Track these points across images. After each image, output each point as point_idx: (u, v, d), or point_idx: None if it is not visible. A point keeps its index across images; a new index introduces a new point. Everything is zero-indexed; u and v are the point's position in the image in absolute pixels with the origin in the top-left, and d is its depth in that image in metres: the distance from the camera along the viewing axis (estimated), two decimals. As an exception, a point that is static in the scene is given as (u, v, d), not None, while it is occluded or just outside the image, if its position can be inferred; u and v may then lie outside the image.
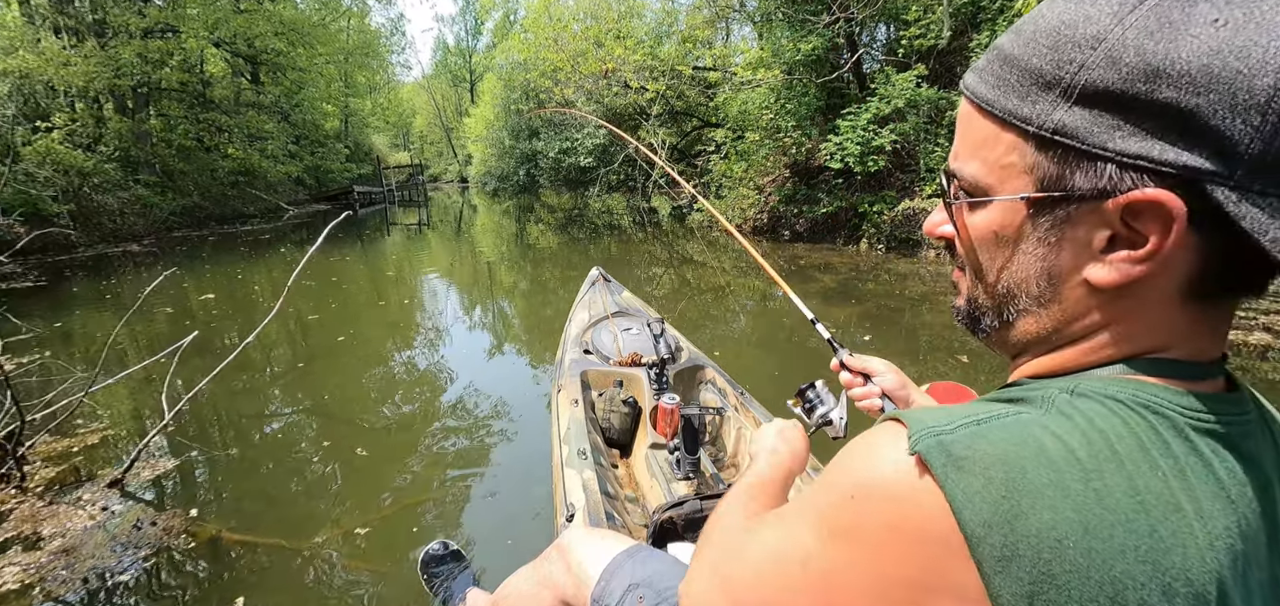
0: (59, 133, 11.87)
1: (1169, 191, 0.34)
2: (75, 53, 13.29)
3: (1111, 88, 0.35)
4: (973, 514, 0.34)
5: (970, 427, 0.36)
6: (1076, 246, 0.39)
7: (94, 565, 1.93)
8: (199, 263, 9.20)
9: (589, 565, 0.97)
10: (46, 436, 2.72)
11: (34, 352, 4.36)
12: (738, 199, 9.91)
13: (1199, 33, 0.33)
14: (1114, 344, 0.40)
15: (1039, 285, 0.42)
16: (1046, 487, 0.33)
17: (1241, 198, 0.33)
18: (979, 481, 0.34)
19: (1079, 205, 0.38)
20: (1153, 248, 0.36)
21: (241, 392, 3.48)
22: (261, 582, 1.93)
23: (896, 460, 0.38)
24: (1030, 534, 0.33)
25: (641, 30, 14.28)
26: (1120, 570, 0.32)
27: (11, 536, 2.08)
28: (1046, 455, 0.34)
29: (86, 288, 7.36)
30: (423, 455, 2.78)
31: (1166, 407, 0.37)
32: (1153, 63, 0.34)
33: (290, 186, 19.84)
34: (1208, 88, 0.32)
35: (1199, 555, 0.33)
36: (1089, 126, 0.36)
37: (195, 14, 15.74)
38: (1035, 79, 0.38)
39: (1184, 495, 0.34)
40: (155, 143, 15.07)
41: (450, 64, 45.26)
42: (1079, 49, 0.36)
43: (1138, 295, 0.38)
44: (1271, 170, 0.33)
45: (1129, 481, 0.34)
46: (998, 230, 0.43)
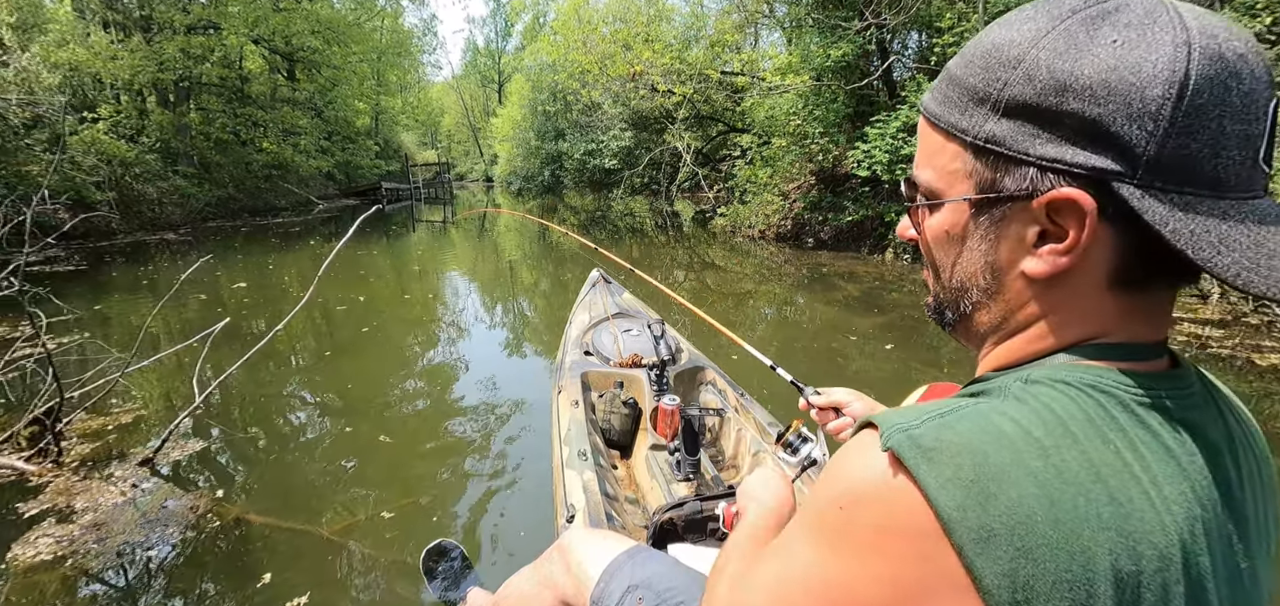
0: (104, 123, 12.33)
1: (1080, 190, 0.38)
2: (122, 47, 13.80)
3: (1029, 101, 0.40)
4: (947, 499, 0.36)
5: (935, 420, 0.39)
6: (1012, 242, 0.43)
7: (124, 540, 1.97)
8: (232, 252, 9.45)
9: (589, 566, 0.98)
10: (83, 414, 2.81)
11: (74, 333, 4.51)
12: (762, 205, 9.83)
13: (1099, 51, 0.37)
14: (1056, 331, 0.44)
15: (985, 278, 0.46)
16: (1010, 467, 0.36)
17: (1144, 194, 0.37)
18: (949, 469, 0.36)
19: (1011, 205, 0.42)
20: (1072, 241, 0.40)
21: (269, 379, 3.55)
22: (284, 563, 1.96)
23: (872, 461, 0.40)
24: (1001, 512, 0.35)
25: (670, 34, 14.29)
26: (1088, 538, 0.35)
27: (47, 509, 2.14)
28: (1006, 438, 0.37)
29: (124, 273, 7.61)
30: (435, 450, 2.80)
31: (1111, 387, 0.40)
32: (1061, 78, 0.38)
33: (321, 181, 20.31)
34: (1107, 98, 0.37)
35: (1158, 519, 0.36)
36: (1014, 135, 0.41)
37: (236, 11, 16.23)
38: (971, 95, 0.43)
39: (1137, 464, 0.37)
40: (194, 135, 15.56)
41: (479, 65, 45.88)
42: (1003, 68, 0.41)
43: (1069, 285, 0.42)
44: (1167, 169, 0.37)
45: (1084, 455, 0.37)
46: (949, 230, 0.47)
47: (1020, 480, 0.35)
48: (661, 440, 1.85)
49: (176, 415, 2.73)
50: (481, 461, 2.70)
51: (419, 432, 2.96)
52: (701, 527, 1.39)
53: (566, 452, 1.79)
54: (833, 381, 0.99)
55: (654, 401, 1.92)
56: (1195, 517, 0.37)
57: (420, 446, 2.82)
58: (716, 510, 1.39)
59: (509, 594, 1.16)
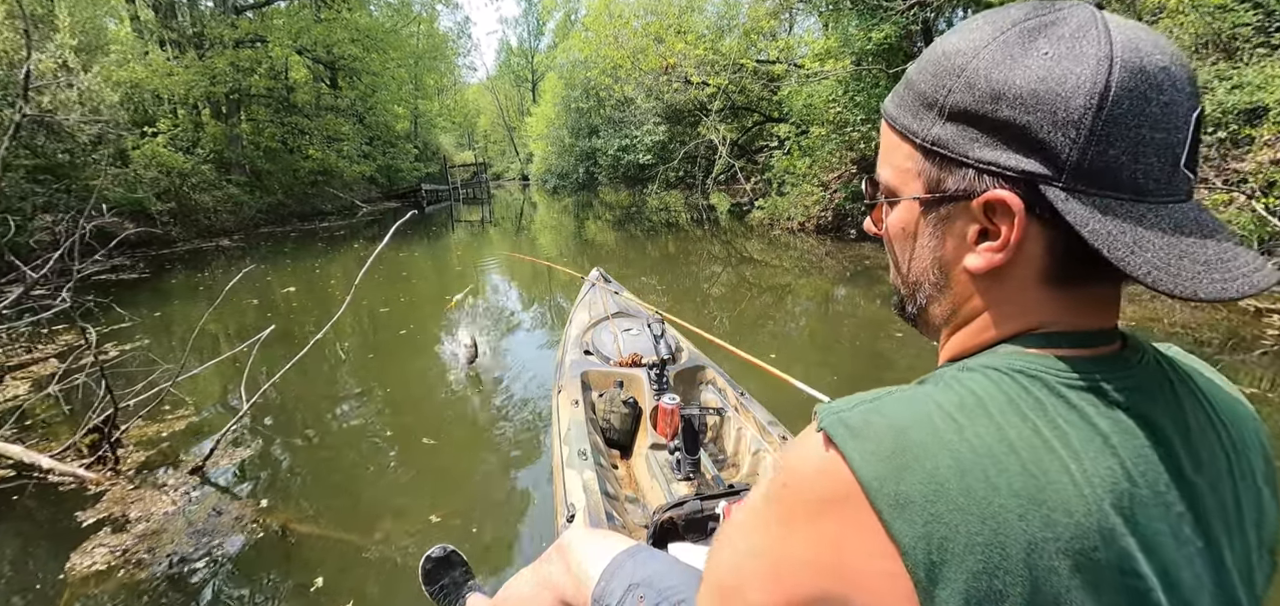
0: (163, 137, 12.97)
1: (1011, 191, 0.41)
2: (177, 64, 14.48)
3: (969, 107, 0.42)
4: (868, 471, 0.39)
5: (867, 405, 0.42)
6: (956, 239, 0.46)
7: (173, 550, 2.01)
8: (282, 257, 9.79)
9: (589, 565, 0.98)
10: (139, 421, 2.91)
11: (136, 339, 4.72)
12: (801, 196, 9.57)
13: (1032, 63, 0.40)
14: (998, 323, 0.46)
15: (933, 273, 0.49)
16: (927, 441, 0.39)
17: (1068, 196, 0.40)
18: (871, 444, 0.40)
19: (954, 204, 0.45)
20: (1004, 239, 0.42)
21: (315, 383, 3.62)
22: (330, 572, 1.96)
23: (810, 442, 0.43)
24: (916, 482, 0.38)
25: (702, 25, 14.06)
26: (998, 505, 0.37)
27: (104, 517, 2.21)
28: (926, 418, 0.40)
29: (183, 280, 7.97)
30: (451, 451, 2.80)
31: (1039, 371, 0.42)
32: (997, 87, 0.41)
33: (364, 185, 20.90)
34: (1036, 107, 0.40)
35: (1076, 491, 0.37)
36: (956, 138, 0.44)
37: (281, 24, 16.83)
38: (922, 100, 0.46)
39: (1056, 440, 0.39)
40: (245, 145, 16.22)
41: (513, 65, 46.43)
42: (949, 76, 0.44)
43: (1007, 280, 0.45)
44: (1089, 174, 0.39)
45: (998, 430, 0.39)
46: (903, 226, 0.50)
47: (935, 452, 0.38)
48: (661, 439, 1.85)
49: (226, 420, 2.80)
50: (483, 461, 2.69)
51: (458, 434, 2.96)
52: (702, 527, 1.39)
53: (566, 452, 1.80)
54: (877, 385, 0.89)
55: (654, 400, 1.91)
56: (1123, 493, 0.38)
57: (454, 448, 2.82)
58: (717, 509, 1.39)
59: (509, 595, 1.16)
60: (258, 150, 16.73)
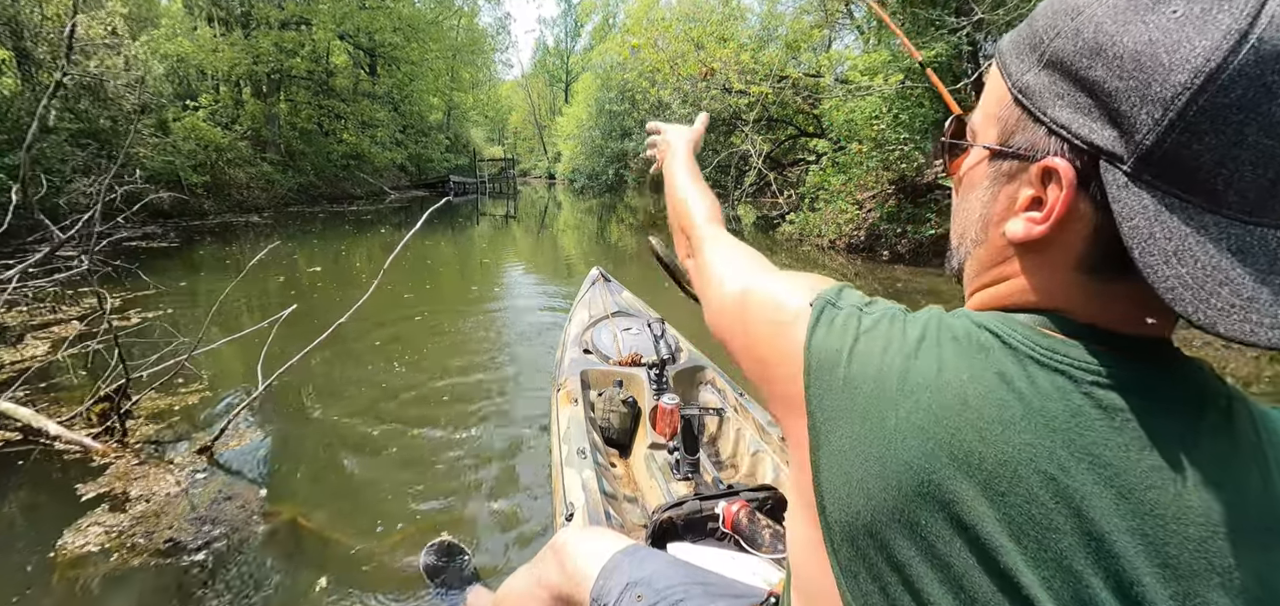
0: (203, 111, 13.21)
1: (1068, 162, 0.38)
2: (223, 41, 14.78)
3: (1066, 58, 0.38)
4: (811, 353, 0.45)
5: (857, 316, 0.45)
6: (1006, 200, 0.43)
7: (171, 536, 1.89)
8: (309, 237, 9.85)
9: (586, 564, 0.96)
10: (152, 392, 2.82)
11: (160, 308, 4.70)
12: (835, 213, 9.32)
13: (1153, 21, 0.35)
14: (1021, 294, 0.43)
15: (976, 230, 0.47)
16: (866, 356, 0.42)
17: (1128, 182, 0.35)
18: (835, 339, 0.44)
19: (1016, 162, 0.42)
20: (1048, 209, 0.39)
21: (332, 367, 3.52)
22: (336, 567, 1.85)
23: (804, 300, 0.49)
24: (842, 377, 0.42)
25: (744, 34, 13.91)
26: (892, 425, 0.39)
27: (104, 493, 2.10)
28: (887, 337, 0.42)
29: (211, 252, 8.03)
30: (456, 448, 2.69)
31: (1013, 340, 0.40)
32: (1100, 40, 0.36)
33: (394, 172, 21.13)
34: (1132, 74, 0.35)
35: (991, 451, 0.37)
36: (1043, 91, 0.40)
37: (325, 8, 17.09)
38: (1032, 39, 0.41)
39: (1006, 394, 0.38)
40: (282, 125, 16.48)
41: (548, 64, 46.78)
42: (1063, 17, 0.39)
43: (1043, 254, 0.42)
44: (1161, 164, 0.34)
45: (939, 370, 0.40)
46: (970, 174, 0.47)
47: (868, 361, 0.42)
48: (660, 439, 1.84)
49: (240, 400, 2.70)
50: (484, 458, 2.60)
51: (457, 427, 2.84)
52: (701, 527, 1.38)
53: (565, 451, 1.79)
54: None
55: (653, 400, 1.91)
56: (1044, 472, 0.37)
57: (457, 443, 2.71)
58: (716, 509, 1.38)
59: (507, 594, 1.15)
60: (294, 130, 16.99)
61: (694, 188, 0.81)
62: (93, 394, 2.54)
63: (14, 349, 3.49)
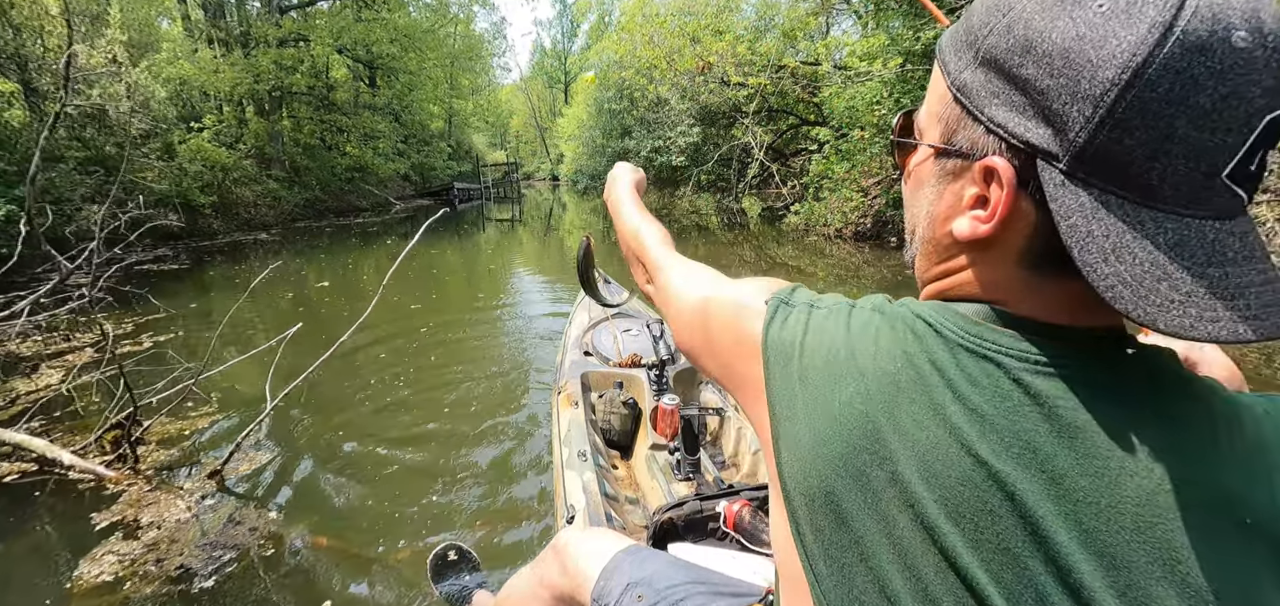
0: (208, 132, 13.33)
1: (1007, 162, 0.38)
2: (224, 62, 14.90)
3: (999, 56, 0.38)
4: (768, 346, 0.48)
5: (808, 312, 0.48)
6: (953, 198, 0.44)
7: (182, 563, 1.90)
8: (317, 252, 9.92)
9: (587, 564, 0.97)
10: (163, 418, 2.84)
11: (171, 331, 4.75)
12: (840, 202, 9.25)
13: (1079, 16, 0.34)
14: (961, 288, 0.45)
15: (924, 226, 0.47)
16: (815, 347, 0.45)
17: (1064, 181, 0.36)
18: (789, 333, 0.47)
19: (959, 161, 0.42)
20: (992, 209, 0.40)
21: (341, 383, 3.53)
22: (346, 584, 1.85)
23: (760, 300, 0.52)
24: (791, 367, 0.45)
25: (740, 25, 13.81)
26: (836, 405, 0.42)
27: (116, 521, 2.12)
28: (829, 334, 0.45)
29: (221, 271, 8.11)
30: (460, 451, 2.71)
31: (945, 328, 0.41)
32: (1030, 37, 0.36)
33: (398, 182, 21.23)
34: (1062, 70, 0.34)
35: (915, 423, 0.39)
36: (980, 89, 0.39)
37: (322, 24, 17.20)
38: (967, 36, 0.41)
39: (910, 373, 0.41)
40: (285, 141, 16.59)
41: (546, 66, 46.79)
42: (995, 13, 0.39)
43: (988, 250, 0.42)
44: (1095, 162, 0.34)
45: (872, 350, 0.42)
46: (917, 171, 0.48)
47: (818, 351, 0.45)
48: (661, 440, 1.83)
49: (249, 420, 2.71)
50: (485, 461, 2.61)
51: (459, 433, 2.85)
52: (702, 527, 1.38)
53: (566, 453, 1.79)
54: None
55: (654, 401, 1.90)
56: (979, 460, 0.38)
57: (459, 447, 2.73)
58: (717, 509, 1.37)
59: (509, 595, 1.15)
60: (297, 146, 17.11)
61: (643, 219, 0.83)
62: (102, 423, 2.57)
63: (29, 379, 3.54)
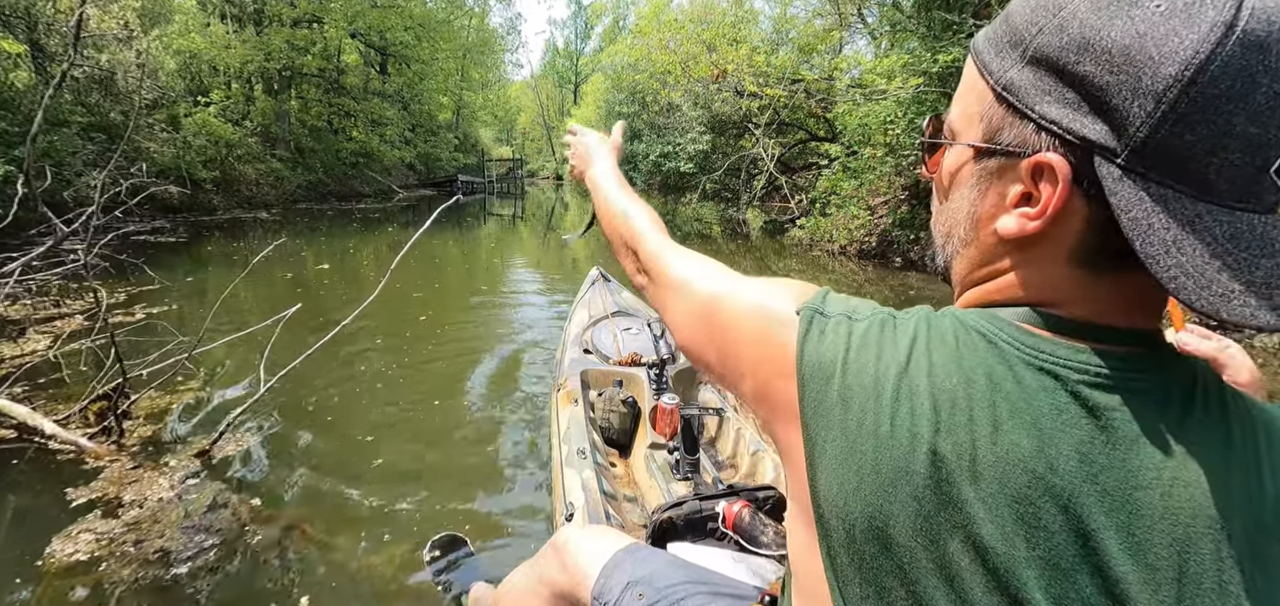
0: (215, 107, 13.24)
1: (1063, 158, 0.38)
2: (236, 37, 14.83)
3: (1052, 54, 0.38)
4: (805, 362, 0.45)
5: (848, 325, 0.45)
6: (996, 197, 0.43)
7: (162, 545, 1.81)
8: (317, 235, 9.82)
9: (587, 562, 0.96)
10: (152, 392, 2.75)
11: (165, 303, 4.65)
12: (846, 218, 9.20)
13: (1138, 15, 0.35)
14: (1009, 290, 0.44)
15: (965, 228, 0.46)
16: (861, 367, 0.43)
17: (1123, 176, 0.36)
18: (828, 349, 0.44)
19: (1005, 159, 0.42)
20: (1043, 205, 0.39)
21: (337, 369, 3.45)
22: (333, 576, 1.78)
23: (789, 308, 0.49)
24: (831, 391, 0.43)
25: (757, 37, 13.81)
26: (887, 428, 0.40)
27: (97, 498, 2.03)
28: (874, 352, 0.43)
29: (219, 247, 8.01)
30: (459, 447, 2.65)
31: (1000, 340, 0.41)
32: (1087, 35, 0.36)
33: (402, 170, 21.13)
34: (1122, 68, 0.35)
35: (972, 442, 0.39)
36: (1029, 87, 0.40)
37: (337, 7, 17.13)
38: (1011, 35, 0.41)
39: (968, 391, 0.40)
40: (292, 122, 16.50)
41: (558, 66, 46.83)
42: (1045, 12, 0.39)
43: (1036, 249, 0.42)
44: (1155, 156, 0.35)
45: (926, 369, 0.41)
46: (952, 171, 0.47)
47: (864, 371, 0.42)
48: (660, 439, 1.83)
49: (241, 400, 2.63)
50: (485, 459, 2.56)
51: (457, 428, 2.78)
52: (701, 526, 1.38)
53: (566, 451, 1.79)
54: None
55: (653, 400, 1.90)
56: (1036, 476, 0.38)
57: (457, 444, 2.66)
58: (716, 509, 1.38)
59: (507, 590, 1.15)
60: (304, 128, 17.01)
61: (630, 200, 0.76)
62: (89, 393, 2.47)
63: (15, 343, 3.44)
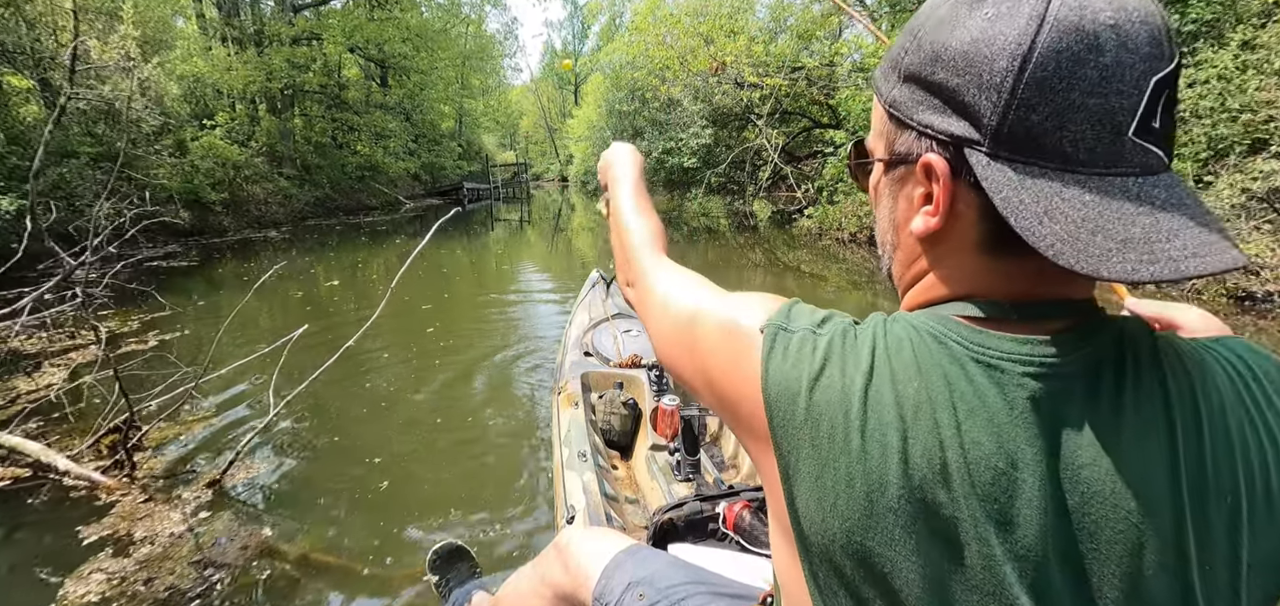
0: (220, 129, 13.36)
1: (938, 155, 0.42)
2: (237, 59, 14.95)
3: (916, 69, 0.43)
4: (770, 384, 0.46)
5: (811, 339, 0.46)
6: (905, 202, 0.47)
7: (173, 583, 1.79)
8: (327, 250, 9.88)
9: (589, 563, 0.96)
10: (161, 423, 2.75)
11: (177, 329, 4.68)
12: (854, 205, 9.09)
13: (971, 24, 0.40)
14: (934, 287, 0.47)
15: (891, 235, 0.51)
16: (827, 385, 0.44)
17: (991, 162, 0.39)
18: (793, 367, 0.45)
19: (903, 167, 0.46)
20: (936, 202, 0.43)
21: (347, 384, 3.44)
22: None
23: (755, 325, 0.50)
24: (798, 411, 0.44)
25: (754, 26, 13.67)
26: (858, 442, 0.42)
27: (108, 535, 2.02)
28: (838, 368, 0.44)
29: (231, 269, 8.07)
30: (474, 453, 2.65)
31: (949, 340, 0.43)
32: (937, 48, 0.41)
33: (408, 181, 21.22)
34: (965, 69, 0.40)
35: (940, 445, 0.40)
36: (906, 100, 0.45)
37: (335, 23, 17.22)
38: (891, 61, 0.47)
39: (929, 396, 0.41)
40: (297, 139, 16.62)
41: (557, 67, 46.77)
42: (907, 37, 0.45)
43: (945, 244, 0.45)
44: (1011, 140, 0.39)
45: (889, 379, 0.43)
46: (874, 187, 0.52)
47: (830, 389, 0.43)
48: (661, 440, 1.83)
49: (250, 426, 2.62)
50: (485, 461, 2.56)
51: (459, 434, 2.76)
52: (702, 528, 1.38)
53: (567, 453, 1.79)
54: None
55: (654, 401, 1.90)
56: (999, 471, 0.39)
57: (460, 449, 2.66)
58: (717, 510, 1.37)
59: (509, 594, 1.15)
60: (309, 144, 17.13)
61: (638, 214, 0.77)
62: (93, 430, 2.47)
63: (30, 378, 3.47)
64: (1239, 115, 5.30)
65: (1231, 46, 5.59)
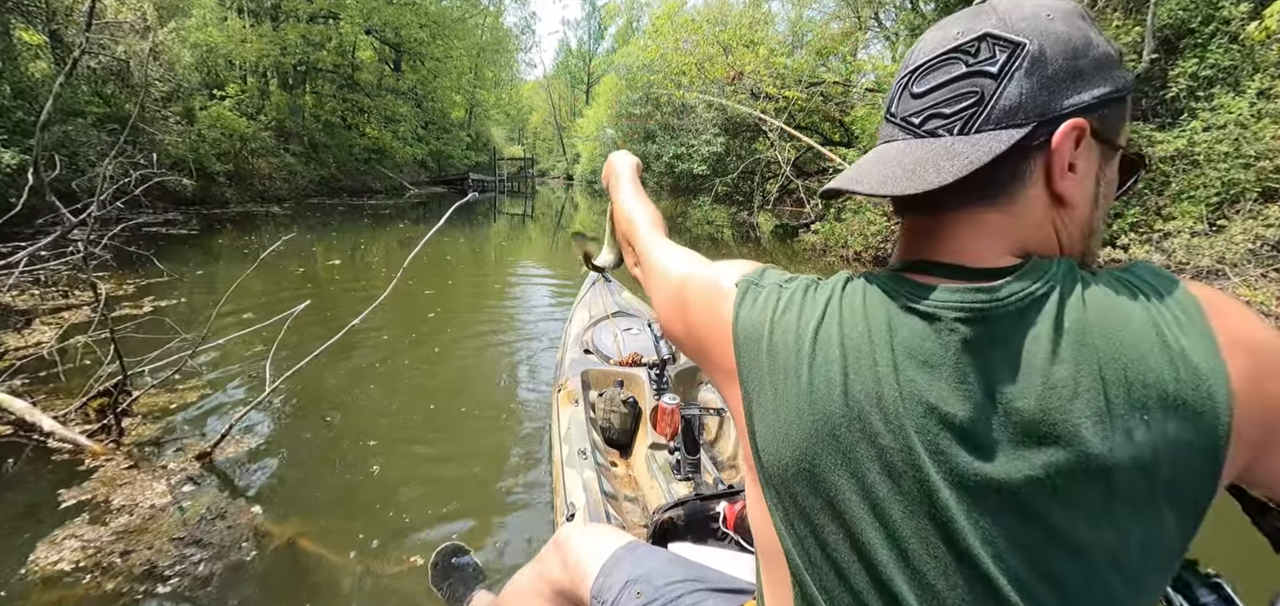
0: (230, 101, 13.29)
1: None
2: (252, 31, 14.89)
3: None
4: (738, 327, 0.55)
5: (777, 291, 0.55)
6: None
7: (150, 559, 1.72)
8: (329, 230, 9.81)
9: (586, 560, 0.96)
10: (153, 389, 2.68)
11: (173, 297, 4.61)
12: (862, 224, 9.06)
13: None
14: (897, 251, 0.55)
15: None
16: (785, 325, 0.52)
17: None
18: (758, 313, 0.54)
19: None
20: None
21: (347, 368, 3.37)
22: (334, 593, 1.69)
23: (731, 282, 0.59)
24: (761, 351, 0.52)
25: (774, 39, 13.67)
26: (807, 377, 0.49)
27: (87, 500, 1.95)
28: (796, 312, 0.53)
29: (231, 240, 8.00)
30: (473, 451, 2.57)
31: (896, 292, 0.49)
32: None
33: (414, 168, 21.16)
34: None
35: (878, 381, 0.47)
36: None
37: (354, 3, 17.17)
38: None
39: (872, 336, 0.48)
40: (306, 117, 16.55)
41: (570, 66, 46.82)
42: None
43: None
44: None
45: (837, 322, 0.50)
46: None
47: (787, 330, 0.51)
48: (661, 439, 1.84)
49: (247, 398, 2.55)
50: (485, 460, 2.50)
51: (458, 430, 2.68)
52: (702, 526, 1.37)
53: (566, 451, 1.80)
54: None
55: (654, 400, 1.90)
56: (930, 406, 0.45)
57: (459, 445, 2.58)
58: (717, 509, 1.37)
59: (509, 593, 1.15)
60: (317, 123, 17.06)
61: (637, 203, 0.87)
62: (84, 391, 2.40)
63: (20, 335, 3.40)
64: (1254, 162, 5.28)
65: (1248, 94, 5.57)
